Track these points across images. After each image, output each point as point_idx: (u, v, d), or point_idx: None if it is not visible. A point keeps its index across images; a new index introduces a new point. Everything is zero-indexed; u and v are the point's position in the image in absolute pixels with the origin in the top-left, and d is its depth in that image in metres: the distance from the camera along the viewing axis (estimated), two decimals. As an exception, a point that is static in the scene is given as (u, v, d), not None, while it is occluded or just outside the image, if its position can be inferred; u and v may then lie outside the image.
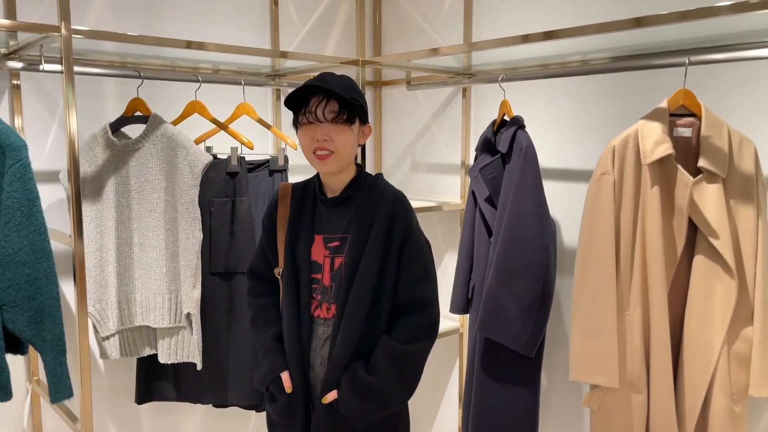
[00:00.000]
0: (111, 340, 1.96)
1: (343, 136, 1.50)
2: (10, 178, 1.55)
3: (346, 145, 1.52)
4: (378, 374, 1.51)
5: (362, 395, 1.50)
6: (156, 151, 1.92)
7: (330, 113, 1.48)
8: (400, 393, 1.55)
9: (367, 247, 1.52)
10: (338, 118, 1.48)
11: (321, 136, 1.49)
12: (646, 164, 1.56)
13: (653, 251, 1.56)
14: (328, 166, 1.53)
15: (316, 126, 1.50)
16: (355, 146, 1.56)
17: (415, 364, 1.57)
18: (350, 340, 1.52)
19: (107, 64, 2.02)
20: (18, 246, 1.56)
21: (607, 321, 1.60)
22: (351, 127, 1.52)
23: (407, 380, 1.56)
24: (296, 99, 1.52)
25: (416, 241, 1.57)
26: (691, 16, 1.40)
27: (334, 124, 1.49)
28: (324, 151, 1.50)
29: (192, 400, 2.10)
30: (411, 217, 1.58)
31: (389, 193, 1.58)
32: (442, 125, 2.57)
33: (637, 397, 1.61)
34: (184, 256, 1.92)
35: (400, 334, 1.54)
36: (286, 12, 2.49)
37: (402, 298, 1.56)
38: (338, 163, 1.53)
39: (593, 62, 1.95)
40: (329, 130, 1.49)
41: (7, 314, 1.56)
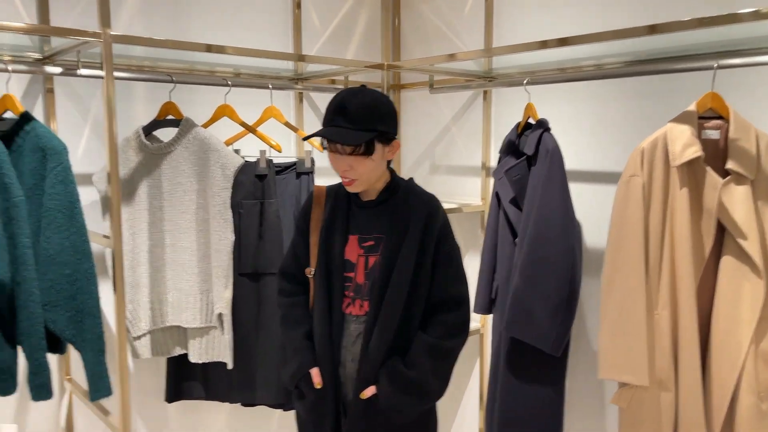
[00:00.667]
0: (142, 340, 1.99)
1: (363, 165, 1.54)
2: (51, 180, 1.59)
3: (367, 171, 1.56)
4: (416, 368, 1.55)
5: (402, 390, 1.54)
6: (188, 154, 1.95)
7: (348, 148, 1.51)
8: (437, 387, 1.60)
9: (403, 246, 1.57)
10: (355, 152, 1.52)
11: (342, 167, 1.55)
12: (675, 166, 1.58)
13: (682, 252, 1.59)
14: (354, 189, 1.59)
15: (337, 156, 1.55)
16: (379, 167, 1.58)
17: (450, 360, 1.61)
18: (387, 336, 1.56)
19: (136, 68, 2.06)
20: (59, 247, 1.59)
21: (637, 320, 1.62)
22: (371, 157, 1.54)
23: (443, 375, 1.61)
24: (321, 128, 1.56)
25: (451, 241, 1.64)
26: (706, 23, 1.44)
27: (354, 156, 1.53)
28: (347, 178, 1.57)
29: (221, 398, 2.13)
30: (445, 219, 1.64)
31: (424, 196, 1.65)
32: (462, 128, 2.60)
33: (665, 395, 1.63)
34: (216, 257, 1.95)
35: (435, 330, 1.59)
36: (308, 17, 2.52)
37: (436, 297, 1.61)
38: (363, 186, 1.59)
39: (614, 66, 1.98)
40: (350, 161, 1.54)
41: (49, 314, 1.60)
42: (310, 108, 2.58)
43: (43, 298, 1.59)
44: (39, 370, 1.57)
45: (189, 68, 2.16)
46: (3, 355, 1.55)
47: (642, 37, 1.57)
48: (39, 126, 1.63)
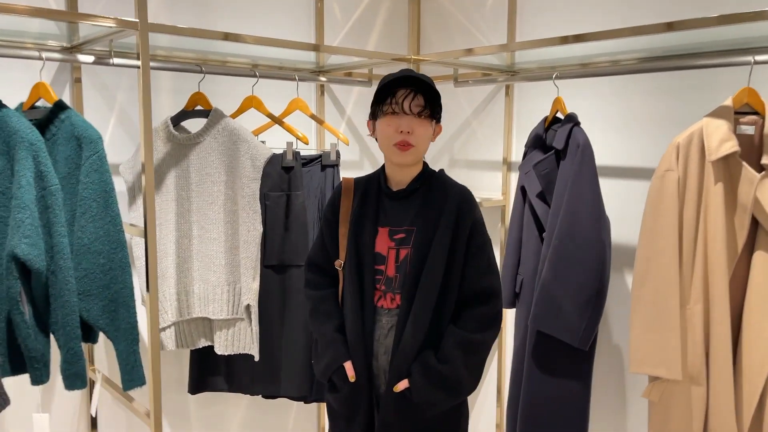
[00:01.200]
0: (167, 332, 1.99)
1: (424, 130, 1.57)
2: (87, 169, 1.58)
3: (425, 138, 1.58)
4: (449, 363, 1.55)
5: (434, 384, 1.54)
6: (217, 144, 1.95)
7: (416, 107, 1.54)
8: (470, 381, 1.59)
9: (435, 239, 1.57)
10: (423, 112, 1.55)
11: (406, 127, 1.54)
12: (711, 161, 1.59)
13: (715, 247, 1.60)
14: (407, 158, 1.58)
15: (400, 117, 1.55)
16: (428, 142, 1.61)
17: (482, 353, 1.61)
18: (420, 329, 1.56)
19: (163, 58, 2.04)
20: (94, 236, 1.59)
21: (670, 314, 1.63)
22: (431, 122, 1.58)
23: (475, 369, 1.61)
24: (381, 89, 1.56)
25: (483, 234, 1.63)
26: (726, 20, 1.45)
27: (418, 118, 1.55)
28: (405, 143, 1.56)
29: (244, 390, 2.13)
30: (477, 211, 1.64)
31: (456, 187, 1.64)
32: (483, 122, 2.60)
33: (697, 389, 1.64)
34: (244, 249, 1.95)
35: (467, 324, 1.59)
36: (330, 9, 2.52)
37: (468, 289, 1.60)
38: (416, 155, 1.59)
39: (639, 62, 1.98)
40: (413, 123, 1.55)
41: (83, 303, 1.59)
42: (331, 101, 2.57)
43: (78, 287, 1.58)
44: (74, 360, 1.56)
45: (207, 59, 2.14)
46: (37, 344, 1.55)
47: (659, 34, 1.58)
48: (74, 114, 1.62)
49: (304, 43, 2.01)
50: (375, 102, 1.60)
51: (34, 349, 1.54)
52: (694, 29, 1.52)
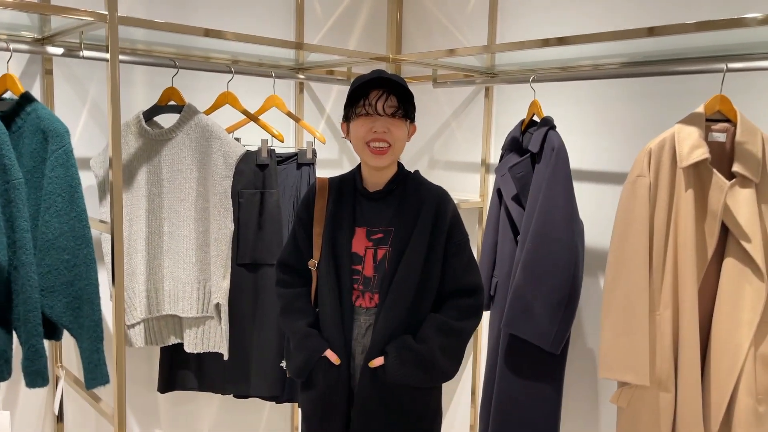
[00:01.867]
0: (136, 329, 1.96)
1: (399, 130, 1.57)
2: (52, 163, 1.55)
3: (401, 139, 1.58)
4: (425, 343, 1.55)
5: (409, 362, 1.54)
6: (190, 141, 1.92)
7: (390, 108, 1.55)
8: (446, 364, 1.59)
9: (413, 237, 1.58)
10: (397, 112, 1.55)
11: (380, 128, 1.54)
12: (682, 168, 1.59)
13: (685, 253, 1.60)
14: (384, 161, 1.58)
15: (374, 118, 1.55)
16: (404, 142, 1.61)
17: (461, 339, 1.61)
18: (394, 326, 1.56)
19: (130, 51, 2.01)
20: (59, 232, 1.56)
21: (639, 320, 1.63)
22: (406, 122, 1.58)
23: (453, 354, 1.60)
24: (354, 91, 1.55)
25: (462, 232, 1.65)
26: (705, 27, 1.46)
27: (392, 118, 1.55)
28: (381, 144, 1.55)
29: (214, 389, 2.11)
30: (455, 210, 1.65)
31: (433, 188, 1.66)
32: (462, 123, 2.59)
33: (665, 395, 1.64)
34: (215, 247, 1.92)
35: (448, 312, 1.61)
36: (311, 7, 2.50)
37: (449, 287, 1.62)
38: (392, 157, 1.59)
39: (617, 67, 1.99)
40: (388, 123, 1.55)
41: (46, 300, 1.56)
42: (310, 99, 2.55)
43: (41, 283, 1.55)
44: (35, 357, 1.53)
45: (187, 54, 2.12)
46: (-2, 341, 1.52)
47: (641, 38, 1.59)
48: (40, 107, 1.59)
49: (284, 41, 2.00)
50: (348, 104, 1.59)
51: (-6, 345, 1.51)
52: (673, 35, 1.52)
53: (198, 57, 2.15)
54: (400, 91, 1.55)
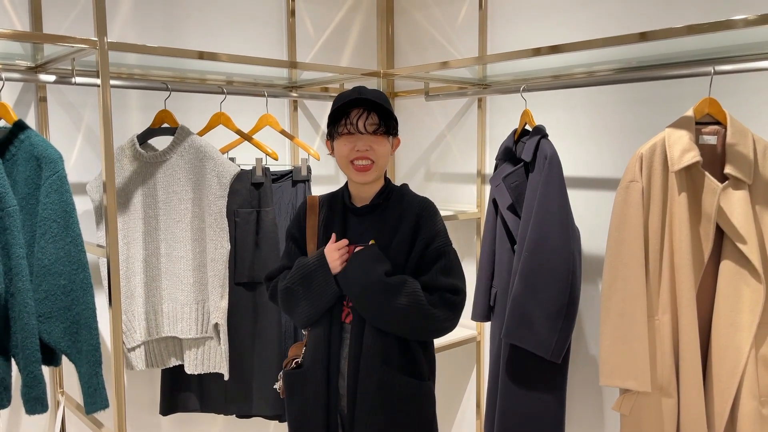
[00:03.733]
0: (137, 351, 1.96)
1: (382, 147, 1.58)
2: (46, 189, 1.56)
3: (384, 155, 1.59)
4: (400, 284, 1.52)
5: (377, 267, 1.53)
6: (184, 162, 1.93)
7: (371, 125, 1.56)
8: (399, 316, 1.52)
9: (390, 249, 1.57)
10: (378, 130, 1.56)
11: (363, 146, 1.55)
12: (674, 171, 1.59)
13: (681, 257, 1.59)
14: (367, 177, 1.59)
15: (357, 137, 1.56)
16: (388, 157, 1.62)
17: (425, 318, 1.53)
18: (372, 340, 1.55)
19: (127, 76, 2.04)
20: (54, 257, 1.56)
21: (637, 325, 1.62)
22: (388, 138, 1.59)
23: (411, 317, 1.53)
24: (335, 112, 1.56)
25: (444, 242, 1.60)
26: (694, 30, 1.46)
27: (374, 136, 1.56)
28: (365, 161, 1.57)
29: (216, 410, 2.10)
30: (436, 222, 1.62)
31: (417, 199, 1.65)
32: (457, 135, 2.60)
33: (667, 401, 1.63)
34: (212, 267, 1.93)
35: (431, 295, 1.55)
36: (302, 25, 2.52)
37: (429, 286, 1.56)
38: (377, 172, 1.59)
39: (609, 73, 2.00)
40: (370, 141, 1.56)
41: (43, 325, 1.57)
42: (305, 116, 2.57)
43: (38, 309, 1.55)
44: (34, 383, 1.53)
45: (183, 76, 2.14)
46: (-4, 368, 1.52)
47: (633, 44, 1.59)
48: (33, 135, 1.60)
49: (278, 60, 2.02)
50: (330, 123, 1.60)
51: (-7, 373, 1.51)
52: (664, 39, 1.53)
53: (193, 79, 2.17)
54: (380, 108, 1.55)
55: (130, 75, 2.04)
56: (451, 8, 2.55)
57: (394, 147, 1.65)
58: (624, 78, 1.91)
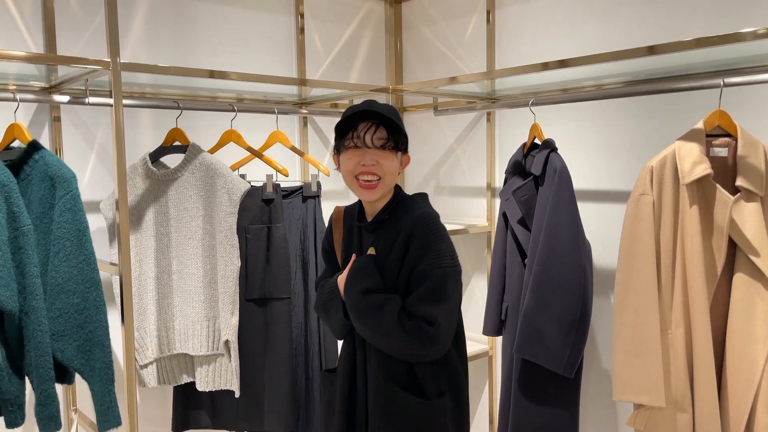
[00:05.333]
0: (149, 368, 1.97)
1: (389, 162, 1.52)
2: (60, 208, 1.58)
3: (391, 171, 1.53)
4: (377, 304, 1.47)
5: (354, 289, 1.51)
6: (195, 179, 1.95)
7: (379, 140, 1.51)
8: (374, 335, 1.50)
9: (386, 267, 1.52)
10: (386, 144, 1.51)
11: (369, 161, 1.50)
12: (684, 184, 1.58)
13: (694, 270, 1.58)
14: (373, 195, 1.54)
15: (363, 151, 1.51)
16: (396, 174, 1.57)
17: (399, 345, 1.47)
18: (384, 368, 1.53)
19: (139, 95, 2.07)
20: (68, 276, 1.58)
21: (650, 340, 1.61)
22: (396, 154, 1.54)
23: (385, 339, 1.48)
24: (342, 124, 1.54)
25: (428, 263, 1.47)
26: (703, 43, 1.46)
27: (382, 150, 1.51)
28: (371, 177, 1.51)
29: (228, 427, 2.10)
30: (428, 241, 1.48)
31: (417, 212, 1.53)
32: (466, 149, 2.61)
33: (682, 416, 1.61)
34: (222, 283, 1.94)
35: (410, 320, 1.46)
36: (311, 42, 2.55)
37: (409, 313, 1.47)
38: (383, 190, 1.54)
39: (617, 86, 2.00)
40: (377, 156, 1.51)
41: (57, 343, 1.58)
42: (315, 132, 2.59)
43: (52, 327, 1.57)
44: (47, 402, 1.54)
45: (194, 95, 2.17)
46: (10, 387, 1.53)
47: (640, 58, 1.59)
48: (48, 154, 1.62)
49: (289, 78, 2.03)
50: (337, 136, 1.56)
51: (7, 391, 1.52)
52: (673, 52, 1.52)
53: (204, 97, 2.19)
54: (390, 122, 1.51)
55: (141, 94, 2.07)
56: (459, 23, 2.57)
57: (403, 164, 1.60)
58: (633, 91, 1.90)
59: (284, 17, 2.47)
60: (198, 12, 2.25)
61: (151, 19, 2.15)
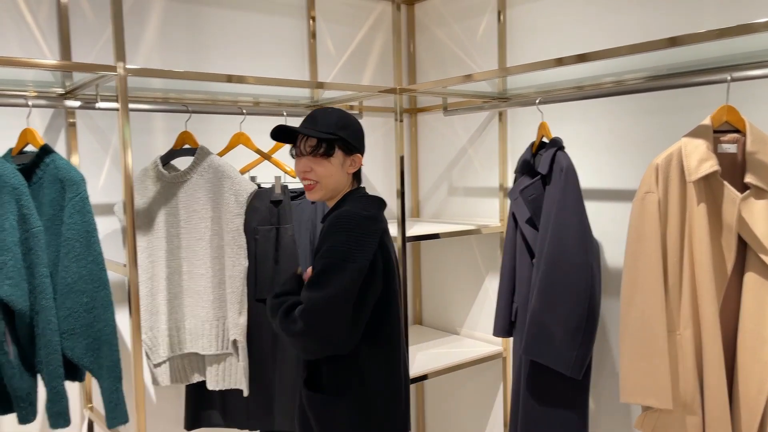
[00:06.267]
0: (162, 367, 2.00)
1: (322, 167, 1.58)
2: (69, 210, 1.62)
3: (327, 174, 1.59)
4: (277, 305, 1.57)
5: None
6: (203, 181, 1.98)
7: (309, 147, 1.59)
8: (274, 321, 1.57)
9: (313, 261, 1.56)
10: (315, 152, 1.58)
11: (302, 167, 1.60)
12: (691, 182, 1.55)
13: (702, 269, 1.55)
14: (312, 195, 1.62)
15: (300, 158, 1.61)
16: (338, 175, 1.60)
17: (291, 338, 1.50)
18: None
19: (151, 99, 2.11)
20: (77, 276, 1.62)
21: (657, 341, 1.57)
22: (330, 159, 1.58)
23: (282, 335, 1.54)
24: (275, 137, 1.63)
25: (324, 251, 1.50)
26: (727, 33, 1.41)
27: (314, 157, 1.58)
28: (308, 181, 1.61)
29: (239, 425, 2.12)
30: (331, 229, 1.52)
31: (341, 209, 1.57)
32: (479, 149, 2.59)
33: (691, 418, 1.58)
34: (230, 284, 1.96)
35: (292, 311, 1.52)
36: (323, 45, 2.57)
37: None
38: (322, 192, 1.61)
39: (629, 82, 1.96)
40: (310, 162, 1.59)
41: (67, 342, 1.62)
42: (327, 134, 2.60)
43: (62, 326, 1.61)
44: (56, 398, 1.58)
45: (207, 98, 2.20)
46: (22, 384, 1.58)
47: (658, 51, 1.55)
48: (58, 158, 1.67)
49: (303, 81, 2.04)
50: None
51: (19, 388, 1.57)
52: (693, 44, 1.47)
53: (218, 101, 2.23)
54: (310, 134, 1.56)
55: (155, 98, 2.12)
56: (470, 24, 2.56)
57: (354, 164, 1.62)
58: (640, 87, 1.87)
59: (296, 21, 2.49)
60: (211, 17, 2.28)
61: (166, 25, 2.19)
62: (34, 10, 1.96)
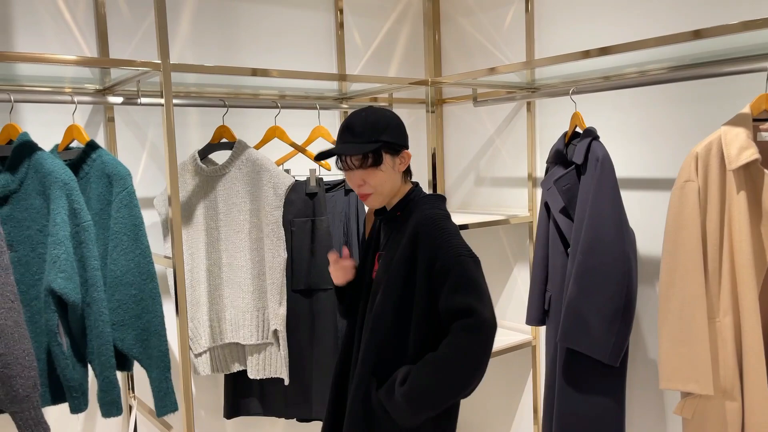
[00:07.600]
0: (202, 357, 2.05)
1: (374, 177, 1.54)
2: (117, 205, 1.66)
3: (381, 182, 1.55)
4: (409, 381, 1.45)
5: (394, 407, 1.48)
6: (242, 175, 2.02)
7: (356, 161, 1.53)
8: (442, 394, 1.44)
9: (392, 264, 1.53)
10: (364, 164, 1.53)
11: (355, 182, 1.56)
12: (731, 170, 1.56)
13: (742, 257, 1.56)
14: (372, 204, 1.59)
15: (350, 172, 1.56)
16: (392, 178, 1.57)
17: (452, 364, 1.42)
18: (370, 357, 1.52)
19: (185, 94, 2.14)
20: (125, 268, 1.66)
21: (698, 328, 1.59)
22: (380, 167, 1.54)
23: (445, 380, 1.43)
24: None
25: (447, 256, 1.47)
26: (750, 26, 1.42)
27: (363, 170, 1.54)
28: (362, 192, 1.57)
29: (278, 414, 2.17)
30: (436, 237, 1.50)
31: (421, 212, 1.56)
32: (507, 139, 2.61)
33: (731, 404, 1.60)
34: (270, 275, 2.00)
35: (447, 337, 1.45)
36: (350, 37, 2.58)
37: (443, 311, 1.47)
38: (380, 198, 1.58)
39: (659, 72, 1.96)
40: (361, 175, 1.54)
41: (117, 333, 1.66)
42: (355, 126, 2.62)
43: (112, 317, 1.66)
44: (109, 388, 1.63)
45: (238, 93, 2.23)
46: (75, 374, 1.62)
47: (685, 42, 1.56)
48: (104, 153, 1.71)
49: (329, 74, 2.06)
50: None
51: (72, 378, 1.61)
52: (718, 36, 1.49)
53: (248, 95, 2.25)
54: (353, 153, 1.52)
55: (187, 93, 2.15)
56: (497, 13, 2.56)
57: (404, 162, 1.59)
58: (676, 77, 1.87)
59: (324, 14, 2.51)
60: (241, 12, 2.31)
61: (197, 21, 2.22)
62: (72, 8, 1.99)
